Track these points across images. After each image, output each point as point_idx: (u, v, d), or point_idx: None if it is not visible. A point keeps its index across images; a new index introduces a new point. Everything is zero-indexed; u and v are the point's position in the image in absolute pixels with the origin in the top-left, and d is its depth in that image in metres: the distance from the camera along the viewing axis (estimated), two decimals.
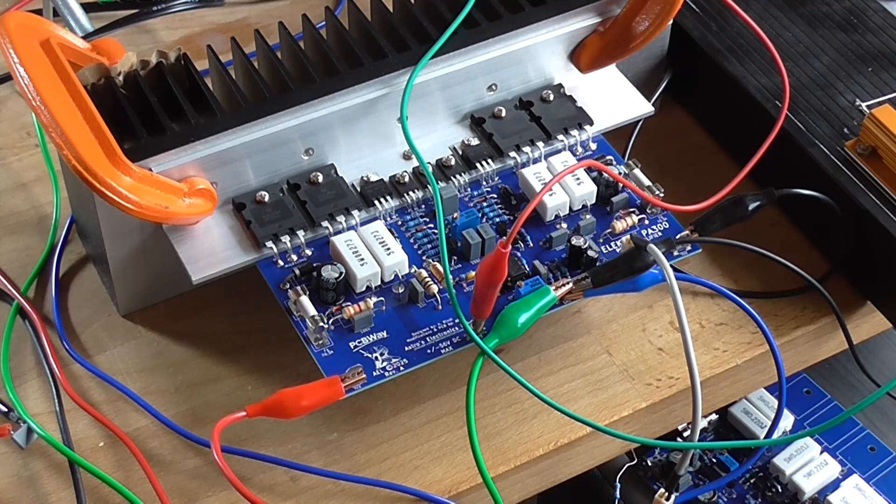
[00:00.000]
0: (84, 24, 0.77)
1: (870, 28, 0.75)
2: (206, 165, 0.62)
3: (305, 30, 0.69)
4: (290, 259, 0.63)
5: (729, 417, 0.79)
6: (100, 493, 0.61)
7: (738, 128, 0.74)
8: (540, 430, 0.64)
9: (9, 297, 0.68)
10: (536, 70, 0.69)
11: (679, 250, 0.65)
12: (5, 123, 0.77)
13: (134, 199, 0.59)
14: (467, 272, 0.64)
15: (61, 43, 0.62)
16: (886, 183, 0.67)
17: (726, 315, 0.69)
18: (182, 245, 0.63)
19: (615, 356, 0.67)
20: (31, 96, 0.59)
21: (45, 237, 0.71)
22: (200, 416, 0.64)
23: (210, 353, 0.66)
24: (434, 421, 0.64)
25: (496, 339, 0.61)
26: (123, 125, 0.62)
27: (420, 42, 0.66)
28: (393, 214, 0.66)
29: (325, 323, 0.61)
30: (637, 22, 0.68)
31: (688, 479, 0.76)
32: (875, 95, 0.72)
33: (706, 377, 0.67)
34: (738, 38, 0.75)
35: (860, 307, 0.70)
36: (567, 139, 0.68)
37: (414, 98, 0.65)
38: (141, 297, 0.67)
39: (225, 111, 0.63)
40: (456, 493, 0.62)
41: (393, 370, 0.61)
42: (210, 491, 0.61)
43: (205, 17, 0.84)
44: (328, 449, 0.63)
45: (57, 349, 0.66)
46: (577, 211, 0.67)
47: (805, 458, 0.77)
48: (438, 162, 0.67)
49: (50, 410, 0.64)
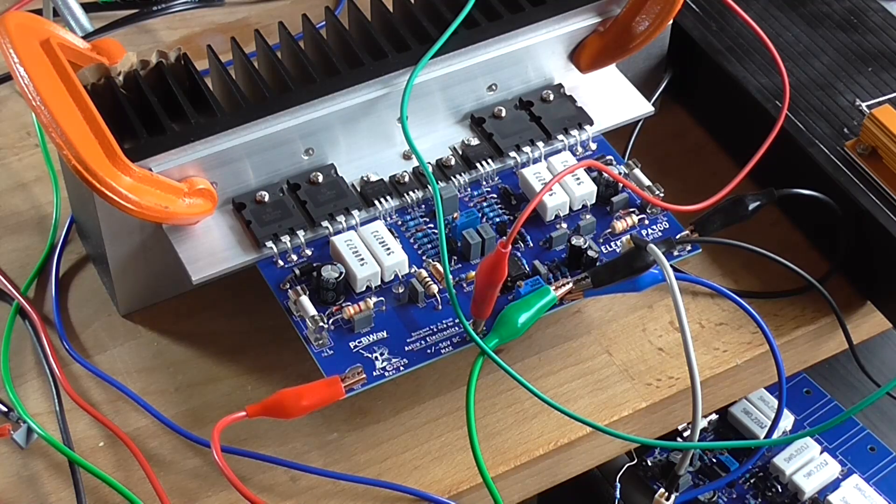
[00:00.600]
0: (84, 24, 0.77)
1: (870, 28, 0.75)
2: (206, 165, 0.62)
3: (305, 30, 0.69)
4: (290, 259, 0.63)
5: (729, 417, 0.79)
6: (100, 493, 0.61)
7: (738, 128, 0.74)
8: (540, 430, 0.64)
9: (9, 297, 0.68)
10: (536, 70, 0.69)
11: (679, 250, 0.65)
12: (5, 123, 0.77)
13: (134, 199, 0.59)
14: (467, 272, 0.64)
15: (61, 43, 0.62)
16: (886, 183, 0.67)
17: (726, 315, 0.69)
18: (182, 245, 0.63)
19: (615, 356, 0.67)
20: (31, 96, 0.59)
21: (45, 237, 0.71)
22: (200, 416, 0.64)
23: (210, 353, 0.66)
24: (434, 421, 0.64)
25: (496, 339, 0.61)
26: (123, 125, 0.62)
27: (420, 42, 0.66)
28: (393, 214, 0.66)
29: (325, 323, 0.61)
30: (637, 22, 0.68)
31: (688, 479, 0.76)
32: (875, 95, 0.72)
33: (706, 377, 0.67)
34: (738, 38, 0.75)
35: (860, 307, 0.70)
36: (567, 139, 0.68)
37: (414, 98, 0.65)
38: (141, 297, 0.67)
39: (225, 111, 0.63)
40: (456, 493, 0.62)
41: (393, 370, 0.61)
42: (210, 491, 0.61)
43: (205, 17, 0.84)
44: (328, 449, 0.63)
45: (57, 349, 0.66)
46: (577, 211, 0.67)
47: (805, 458, 0.77)
48: (438, 162, 0.67)
49: (50, 410, 0.64)
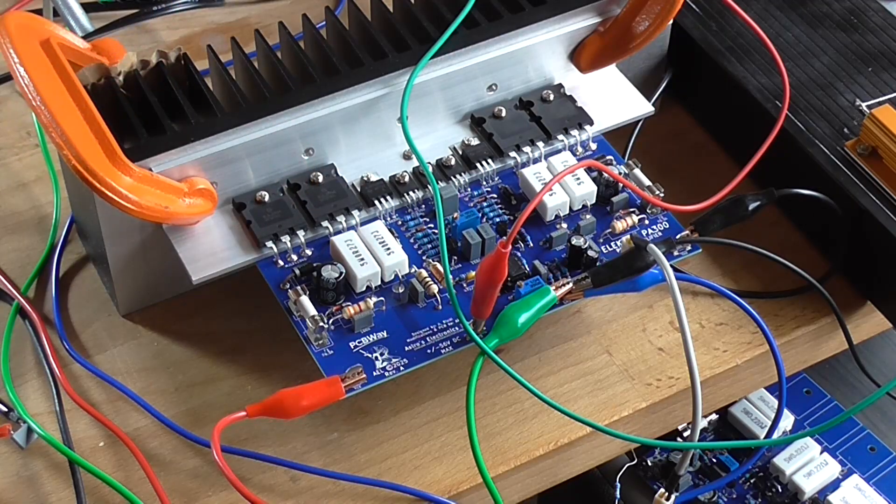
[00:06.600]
0: (84, 24, 0.77)
1: (870, 28, 0.75)
2: (206, 165, 0.62)
3: (305, 30, 0.69)
4: (290, 259, 0.63)
5: (729, 417, 0.79)
6: (100, 493, 0.61)
7: (738, 128, 0.74)
8: (540, 430, 0.64)
9: (9, 297, 0.68)
10: (536, 70, 0.69)
11: (679, 250, 0.65)
12: (5, 123, 0.77)
13: (134, 199, 0.59)
14: (467, 272, 0.64)
15: (61, 43, 0.62)
16: (886, 183, 0.67)
17: (726, 315, 0.69)
18: (182, 245, 0.63)
19: (615, 356, 0.67)
20: (31, 96, 0.59)
21: (45, 237, 0.71)
22: (200, 416, 0.64)
23: (210, 353, 0.66)
24: (434, 421, 0.64)
25: (496, 339, 0.61)
26: (123, 125, 0.62)
27: (420, 42, 0.66)
28: (393, 214, 0.66)
29: (325, 323, 0.61)
30: (637, 22, 0.68)
31: (688, 479, 0.76)
32: (875, 95, 0.72)
33: (706, 377, 0.67)
34: (738, 38, 0.75)
35: (860, 307, 0.70)
36: (567, 139, 0.68)
37: (414, 98, 0.65)
38: (141, 297, 0.67)
39: (225, 111, 0.63)
40: (456, 493, 0.62)
41: (393, 370, 0.61)
42: (210, 491, 0.61)
43: (205, 17, 0.84)
44: (328, 449, 0.63)
45: (57, 349, 0.66)
46: (577, 211, 0.67)
47: (805, 458, 0.77)
48: (438, 162, 0.67)
49: (50, 410, 0.64)
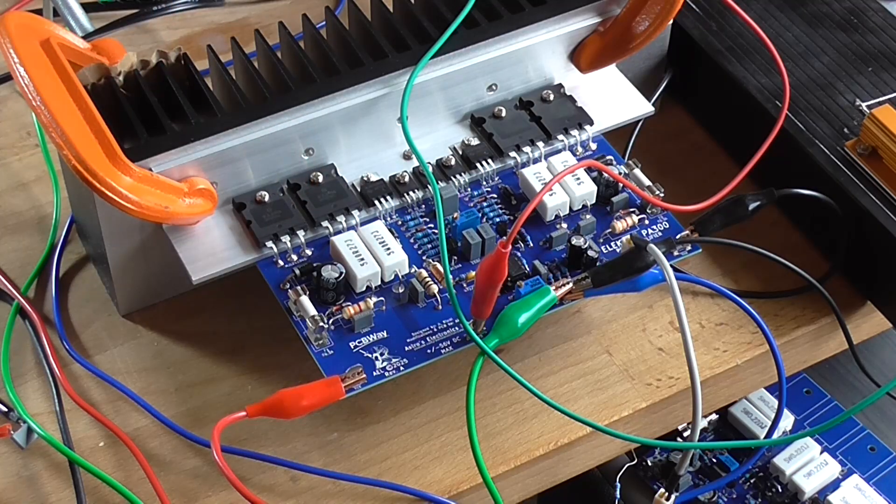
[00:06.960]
0: (84, 24, 0.77)
1: (870, 28, 0.75)
2: (206, 165, 0.62)
3: (305, 30, 0.69)
4: (290, 259, 0.63)
5: (729, 417, 0.79)
6: (100, 493, 0.61)
7: (738, 128, 0.74)
8: (540, 430, 0.64)
9: (9, 297, 0.68)
10: (536, 70, 0.69)
11: (679, 250, 0.65)
12: (5, 123, 0.77)
13: (134, 199, 0.59)
14: (467, 272, 0.64)
15: (61, 43, 0.62)
16: (886, 183, 0.67)
17: (726, 315, 0.69)
18: (182, 245, 0.63)
19: (615, 356, 0.67)
20: (31, 96, 0.59)
21: (45, 237, 0.71)
22: (200, 416, 0.64)
23: (210, 353, 0.66)
24: (434, 421, 0.64)
25: (496, 339, 0.61)
26: (123, 125, 0.62)
27: (420, 42, 0.66)
28: (393, 214, 0.66)
29: (325, 323, 0.61)
30: (637, 22, 0.68)
31: (688, 479, 0.76)
32: (875, 95, 0.72)
33: (706, 377, 0.67)
34: (738, 38, 0.75)
35: (860, 307, 0.70)
36: (567, 139, 0.68)
37: (414, 98, 0.65)
38: (141, 297, 0.67)
39: (225, 111, 0.63)
40: (456, 493, 0.62)
41: (393, 370, 0.61)
42: (210, 491, 0.61)
43: (205, 17, 0.84)
44: (328, 449, 0.63)
45: (57, 349, 0.66)
46: (577, 211, 0.67)
47: (805, 458, 0.77)
48: (438, 162, 0.67)
49: (50, 410, 0.64)
